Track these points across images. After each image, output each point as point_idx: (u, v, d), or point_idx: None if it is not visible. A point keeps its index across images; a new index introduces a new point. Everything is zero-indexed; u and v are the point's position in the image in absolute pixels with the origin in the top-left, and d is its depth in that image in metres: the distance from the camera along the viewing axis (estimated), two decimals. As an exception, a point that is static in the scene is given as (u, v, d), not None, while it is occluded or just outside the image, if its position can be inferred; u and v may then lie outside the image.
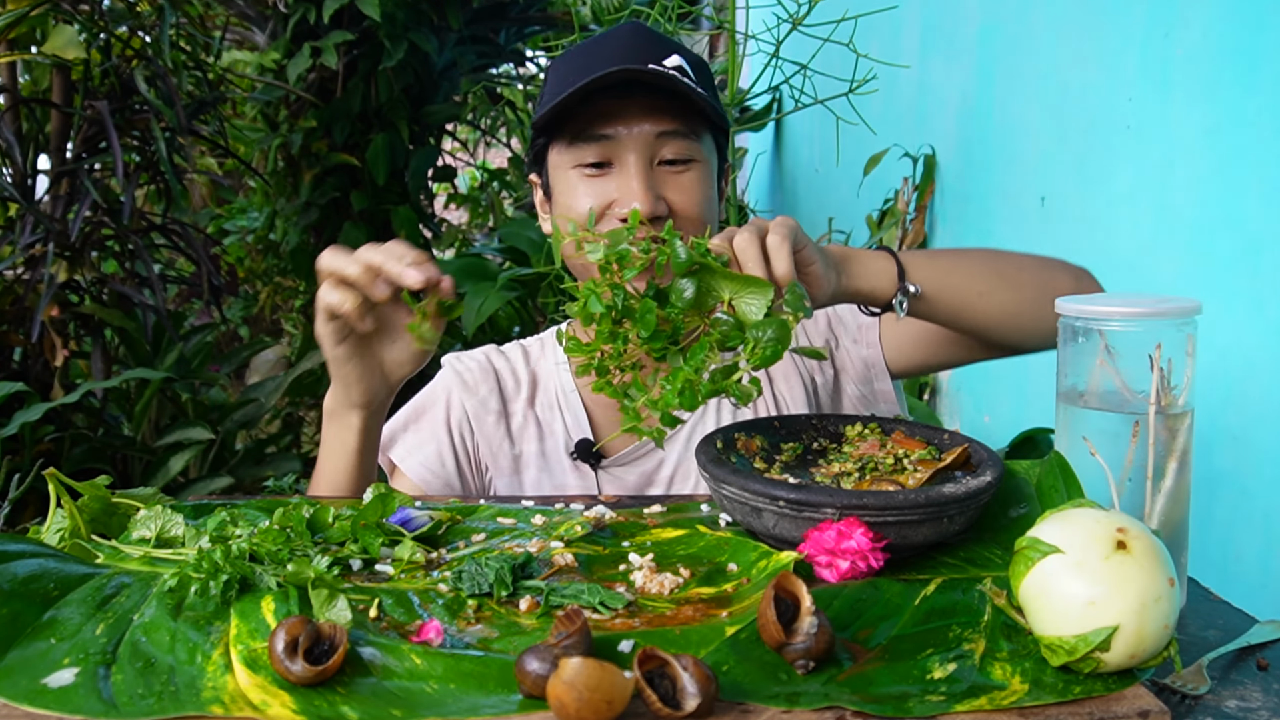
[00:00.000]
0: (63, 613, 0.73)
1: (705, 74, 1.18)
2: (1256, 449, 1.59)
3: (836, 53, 2.48)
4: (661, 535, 0.90)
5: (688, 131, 1.13)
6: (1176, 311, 0.82)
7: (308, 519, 0.86)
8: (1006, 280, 1.10)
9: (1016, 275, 1.11)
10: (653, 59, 1.13)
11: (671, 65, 1.13)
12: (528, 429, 1.25)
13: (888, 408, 1.27)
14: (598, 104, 1.12)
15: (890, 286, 1.03)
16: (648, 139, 1.12)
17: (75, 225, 2.58)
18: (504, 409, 1.25)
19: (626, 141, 1.12)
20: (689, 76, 1.14)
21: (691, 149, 1.14)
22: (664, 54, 1.14)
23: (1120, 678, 0.65)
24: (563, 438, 1.24)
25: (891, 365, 1.26)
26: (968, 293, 1.08)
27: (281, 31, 3.62)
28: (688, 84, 1.11)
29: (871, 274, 1.02)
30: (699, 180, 1.14)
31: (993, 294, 1.08)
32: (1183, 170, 1.80)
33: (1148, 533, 0.67)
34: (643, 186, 1.11)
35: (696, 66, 1.17)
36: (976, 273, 1.09)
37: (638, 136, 1.12)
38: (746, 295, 0.83)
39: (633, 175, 1.12)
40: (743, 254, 0.88)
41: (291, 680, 0.64)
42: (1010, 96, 2.58)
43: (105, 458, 2.65)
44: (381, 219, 3.65)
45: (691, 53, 1.19)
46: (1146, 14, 1.93)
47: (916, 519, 0.78)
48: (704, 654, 0.67)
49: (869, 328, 1.26)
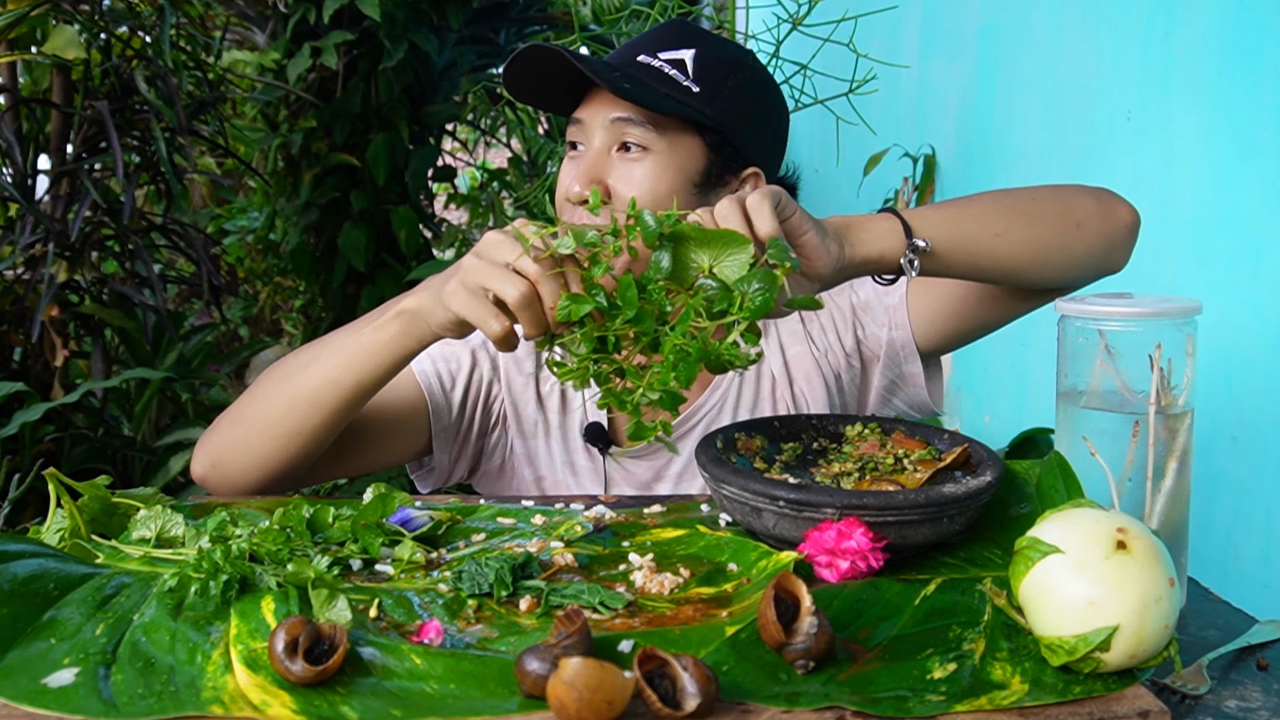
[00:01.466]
0: (63, 613, 0.73)
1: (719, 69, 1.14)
2: (1256, 449, 1.59)
3: (836, 53, 2.48)
4: (661, 535, 0.90)
5: (644, 120, 1.10)
6: (1176, 311, 0.82)
7: (308, 519, 0.87)
8: (1022, 215, 1.04)
9: (1032, 207, 1.05)
10: (650, 50, 1.14)
11: (668, 58, 1.13)
12: (554, 398, 1.24)
13: (915, 391, 1.24)
14: (575, 85, 1.14)
15: (898, 247, 0.96)
16: (605, 122, 1.12)
17: (75, 225, 2.58)
18: (536, 373, 1.24)
19: (591, 124, 1.13)
20: (685, 71, 1.12)
21: (648, 138, 1.11)
22: (671, 46, 1.14)
23: (1120, 678, 0.65)
24: (579, 414, 1.23)
25: (922, 343, 1.21)
26: (983, 236, 1.01)
27: (281, 31, 3.61)
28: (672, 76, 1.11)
29: (876, 237, 0.96)
30: (651, 171, 1.11)
31: (1010, 232, 1.02)
32: (1183, 170, 1.80)
33: (1148, 533, 0.67)
34: (584, 168, 1.12)
35: (710, 62, 1.14)
36: (989, 214, 1.03)
37: (598, 119, 1.12)
38: (726, 257, 0.81)
39: (587, 158, 1.13)
40: (723, 219, 0.86)
41: (291, 680, 0.64)
42: (1010, 96, 2.58)
43: (105, 458, 2.65)
44: (381, 219, 3.65)
45: (724, 48, 1.16)
46: (1146, 14, 1.93)
47: (916, 519, 0.78)
48: (704, 654, 0.67)
49: (897, 308, 1.21)
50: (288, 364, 1.09)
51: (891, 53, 3.13)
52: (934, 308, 1.19)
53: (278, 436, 1.05)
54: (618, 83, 1.07)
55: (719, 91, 1.13)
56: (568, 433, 1.23)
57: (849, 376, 1.25)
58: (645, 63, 1.14)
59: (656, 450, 1.21)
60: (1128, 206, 1.10)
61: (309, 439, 1.05)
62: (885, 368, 1.24)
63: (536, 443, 1.23)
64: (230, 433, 1.09)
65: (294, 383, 1.05)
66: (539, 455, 1.23)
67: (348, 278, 3.67)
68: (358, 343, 1.02)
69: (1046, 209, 1.05)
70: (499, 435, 1.24)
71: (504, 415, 1.24)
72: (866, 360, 1.25)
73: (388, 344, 1.01)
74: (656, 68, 1.13)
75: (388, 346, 1.01)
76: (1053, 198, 1.07)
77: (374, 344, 1.01)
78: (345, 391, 1.03)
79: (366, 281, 3.65)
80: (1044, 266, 1.05)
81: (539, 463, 1.24)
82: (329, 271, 3.69)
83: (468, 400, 1.21)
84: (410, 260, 3.71)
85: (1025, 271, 1.05)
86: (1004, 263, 1.03)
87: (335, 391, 1.03)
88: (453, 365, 1.21)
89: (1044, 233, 1.04)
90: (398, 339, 1.00)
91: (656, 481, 1.22)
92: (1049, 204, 1.06)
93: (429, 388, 1.18)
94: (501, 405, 1.24)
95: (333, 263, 3.67)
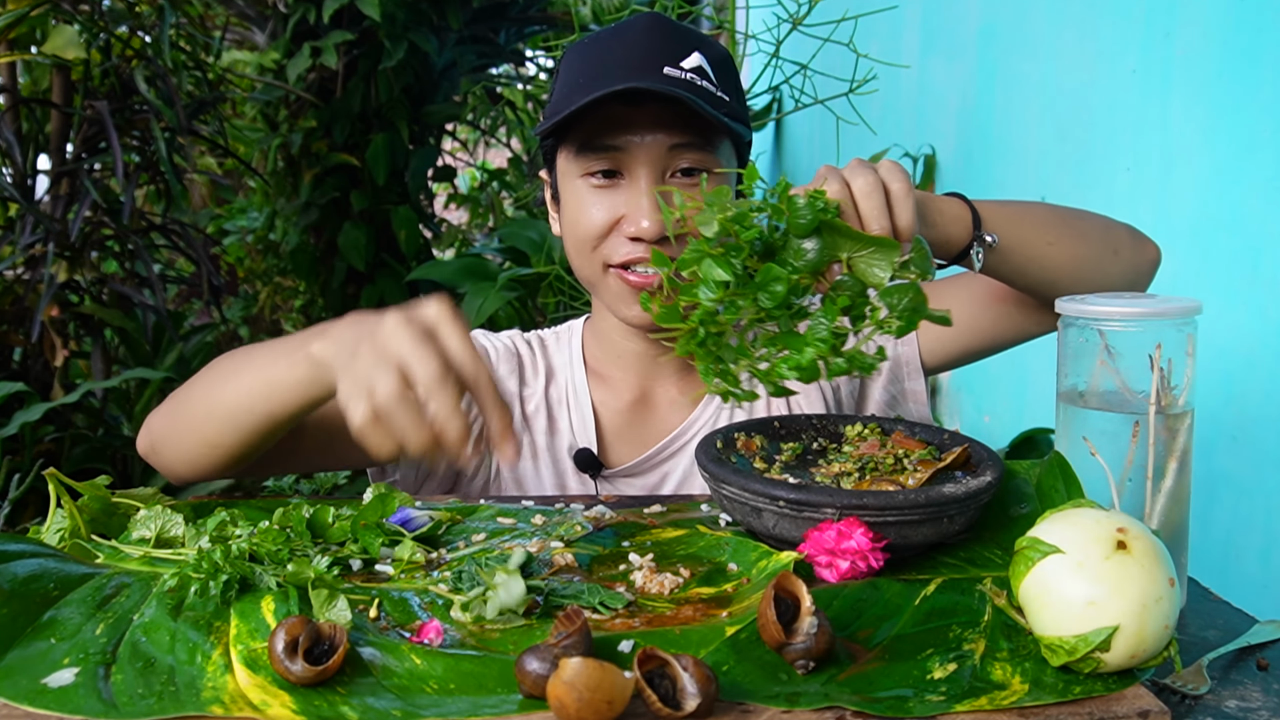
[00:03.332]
0: (63, 613, 0.73)
1: (728, 70, 1.11)
2: (1256, 449, 1.59)
3: (836, 53, 2.48)
4: (661, 535, 0.90)
5: (703, 143, 1.06)
6: (1176, 311, 0.82)
7: (308, 519, 0.86)
8: (1072, 229, 1.05)
9: (1080, 225, 1.06)
10: (670, 59, 1.06)
11: (690, 66, 1.06)
12: (539, 418, 1.20)
13: (916, 409, 1.22)
14: (607, 111, 1.05)
15: (965, 235, 0.96)
16: (660, 151, 1.06)
17: (75, 225, 2.58)
18: (520, 392, 1.21)
19: (637, 153, 1.06)
20: (709, 78, 1.07)
21: (707, 160, 1.07)
22: (683, 52, 1.07)
23: (1120, 678, 0.65)
24: (567, 436, 1.20)
25: (928, 361, 1.20)
26: (1038, 242, 1.02)
27: (281, 31, 3.62)
28: (707, 88, 1.05)
29: (949, 220, 0.95)
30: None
31: (1061, 243, 1.03)
32: (1183, 170, 1.80)
33: (1148, 533, 0.67)
34: (652, 205, 1.05)
35: (719, 62, 1.10)
36: (1045, 221, 1.03)
37: (649, 148, 1.06)
38: (869, 254, 0.76)
39: (643, 190, 1.06)
40: (866, 207, 0.81)
41: (291, 680, 0.64)
42: (1010, 96, 2.58)
43: (105, 458, 2.65)
44: (381, 219, 3.65)
45: (715, 45, 1.12)
46: (1146, 14, 1.93)
47: (916, 519, 0.78)
48: (704, 654, 0.67)
49: None
50: (222, 366, 0.99)
51: (891, 53, 3.13)
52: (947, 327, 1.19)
53: (198, 444, 0.98)
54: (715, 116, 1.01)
55: (737, 94, 1.11)
56: (556, 454, 1.20)
57: (848, 389, 1.24)
58: (677, 76, 1.05)
59: (649, 469, 1.19)
60: (1154, 245, 1.13)
61: (229, 452, 0.97)
62: (888, 383, 1.23)
63: (524, 465, 1.19)
64: (164, 423, 1.03)
65: (214, 394, 0.97)
66: (527, 478, 1.19)
67: (348, 278, 3.67)
68: (272, 373, 0.92)
69: (1092, 230, 1.07)
70: (483, 457, 1.18)
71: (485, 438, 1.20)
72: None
73: (295, 386, 0.90)
74: (689, 80, 1.05)
75: (296, 389, 0.90)
76: (1097, 221, 1.09)
77: (286, 381, 0.91)
78: (259, 420, 0.94)
79: (366, 281, 3.65)
80: (1080, 282, 1.06)
81: (527, 485, 1.19)
82: (329, 271, 3.69)
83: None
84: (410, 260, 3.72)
85: (1063, 284, 1.05)
86: (1049, 271, 1.04)
87: (249, 418, 0.94)
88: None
89: (1088, 250, 1.06)
90: (304, 385, 0.89)
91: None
92: (1094, 226, 1.08)
93: None
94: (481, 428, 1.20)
95: (333, 263, 3.67)
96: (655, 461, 1.19)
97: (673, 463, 1.19)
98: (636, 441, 1.20)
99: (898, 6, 2.94)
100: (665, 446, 1.19)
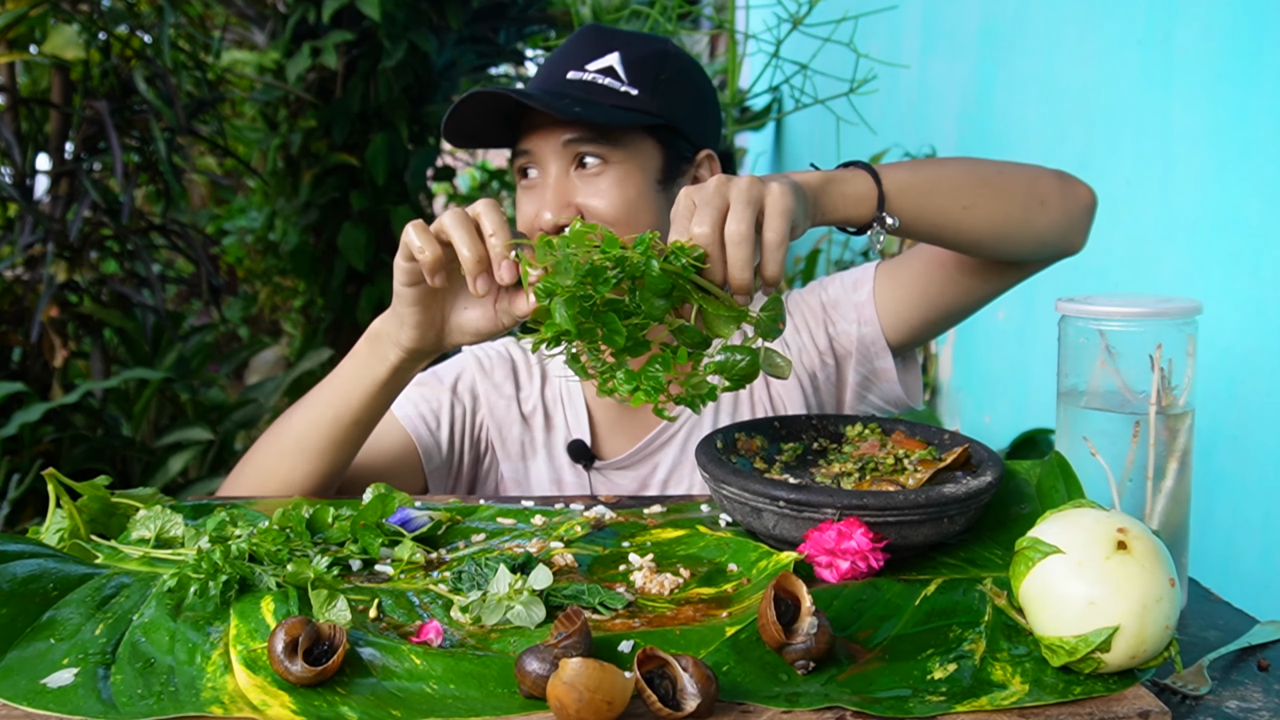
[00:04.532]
0: (62, 613, 0.73)
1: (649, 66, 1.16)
2: (1256, 450, 1.59)
3: (837, 53, 2.48)
4: (661, 535, 0.90)
5: (596, 135, 1.12)
6: (1176, 311, 0.82)
7: (307, 519, 0.87)
8: (991, 187, 1.05)
9: (1000, 181, 1.06)
10: (578, 63, 1.15)
11: (597, 68, 1.14)
12: (537, 416, 1.26)
13: (889, 387, 1.24)
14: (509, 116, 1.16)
15: (869, 216, 0.97)
16: (557, 147, 1.13)
17: (75, 225, 2.57)
18: (516, 395, 1.27)
19: (542, 151, 1.14)
20: (616, 76, 1.14)
21: (604, 150, 1.13)
22: (596, 55, 1.16)
23: (1121, 678, 0.65)
24: (563, 432, 1.26)
25: (892, 337, 1.22)
26: (952, 208, 1.03)
27: (281, 31, 3.61)
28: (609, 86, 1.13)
29: (850, 204, 0.96)
30: (617, 181, 1.13)
31: (979, 205, 1.04)
32: (1183, 170, 1.80)
33: (1148, 533, 0.66)
34: (552, 195, 1.13)
35: (639, 61, 1.15)
36: (960, 185, 1.04)
37: (549, 145, 1.14)
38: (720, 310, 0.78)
39: (548, 185, 1.14)
40: (734, 256, 0.80)
41: (291, 681, 0.64)
42: (1010, 96, 2.58)
43: (105, 458, 2.64)
44: (381, 219, 3.64)
45: (644, 45, 1.18)
46: (1146, 14, 1.93)
47: (917, 519, 0.78)
48: (704, 654, 0.67)
49: (865, 305, 1.22)
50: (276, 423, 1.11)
51: (891, 53, 3.13)
52: (899, 299, 1.20)
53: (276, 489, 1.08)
54: (567, 108, 1.09)
55: (656, 88, 1.15)
56: (553, 450, 1.25)
57: (824, 375, 1.26)
58: (578, 79, 1.15)
59: (640, 461, 1.24)
60: (1086, 187, 1.12)
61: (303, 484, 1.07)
62: (858, 364, 1.25)
63: (523, 463, 1.26)
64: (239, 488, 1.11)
65: (279, 434, 1.09)
66: (526, 475, 1.26)
67: (347, 278, 3.66)
68: (330, 380, 1.07)
69: (1013, 185, 1.07)
70: (489, 462, 1.27)
71: (490, 442, 1.26)
72: (840, 357, 1.26)
73: (358, 369, 1.04)
74: (589, 81, 1.14)
75: (358, 372, 1.04)
76: (1019, 174, 1.08)
77: (344, 373, 1.05)
78: (326, 428, 1.06)
79: (366, 281, 3.65)
80: (1006, 240, 1.07)
81: (526, 483, 1.26)
82: (328, 271, 3.69)
83: (455, 435, 1.24)
84: (410, 260, 3.70)
85: (986, 244, 1.07)
86: (967, 234, 1.05)
87: (316, 431, 1.06)
88: (434, 404, 1.23)
89: (1009, 207, 1.06)
90: (367, 362, 1.03)
91: (642, 491, 1.24)
92: (1016, 179, 1.07)
93: (416, 431, 1.20)
94: (487, 432, 1.26)
95: (332, 263, 3.67)
96: (646, 453, 1.23)
97: (663, 454, 1.24)
98: (628, 434, 1.25)
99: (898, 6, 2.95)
100: (654, 438, 1.23)
